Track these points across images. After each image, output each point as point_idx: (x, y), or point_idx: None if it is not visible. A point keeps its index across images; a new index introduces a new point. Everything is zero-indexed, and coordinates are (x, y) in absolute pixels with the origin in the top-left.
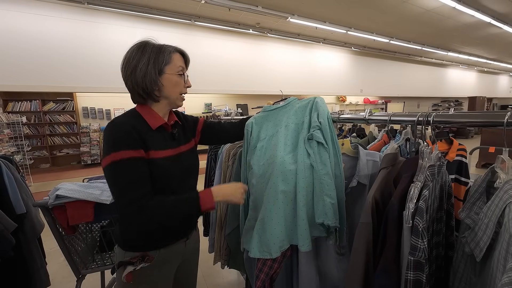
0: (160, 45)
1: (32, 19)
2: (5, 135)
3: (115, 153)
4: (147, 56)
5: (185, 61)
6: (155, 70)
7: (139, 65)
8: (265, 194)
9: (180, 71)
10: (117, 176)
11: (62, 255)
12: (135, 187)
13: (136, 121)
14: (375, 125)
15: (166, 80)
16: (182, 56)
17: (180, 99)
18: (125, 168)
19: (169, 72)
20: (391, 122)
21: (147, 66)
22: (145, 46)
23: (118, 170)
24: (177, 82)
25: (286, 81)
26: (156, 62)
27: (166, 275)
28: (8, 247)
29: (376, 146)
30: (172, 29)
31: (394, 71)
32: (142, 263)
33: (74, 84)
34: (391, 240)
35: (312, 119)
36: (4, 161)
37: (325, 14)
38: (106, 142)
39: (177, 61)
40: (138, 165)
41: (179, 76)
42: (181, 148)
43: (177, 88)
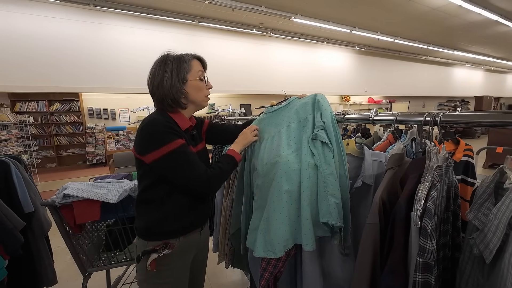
0: (179, 56)
1: (38, 21)
2: (13, 135)
3: (168, 145)
4: (169, 68)
5: (203, 66)
6: (179, 79)
7: (164, 78)
8: (269, 194)
9: (200, 75)
10: (177, 163)
11: (68, 254)
12: (197, 165)
13: (171, 121)
14: (380, 125)
15: (190, 87)
16: (200, 61)
17: (205, 100)
18: (183, 153)
19: (191, 79)
20: (397, 122)
21: (172, 78)
22: (166, 59)
23: (176, 158)
24: (200, 86)
25: (289, 81)
26: (178, 72)
27: (185, 264)
28: (17, 245)
29: (381, 146)
30: (176, 29)
31: (399, 71)
32: (165, 250)
33: (80, 84)
34: (398, 241)
35: (315, 118)
36: (13, 161)
37: (329, 14)
38: (152, 136)
39: (196, 67)
40: (187, 149)
41: (200, 81)
42: (198, 147)
43: (201, 92)
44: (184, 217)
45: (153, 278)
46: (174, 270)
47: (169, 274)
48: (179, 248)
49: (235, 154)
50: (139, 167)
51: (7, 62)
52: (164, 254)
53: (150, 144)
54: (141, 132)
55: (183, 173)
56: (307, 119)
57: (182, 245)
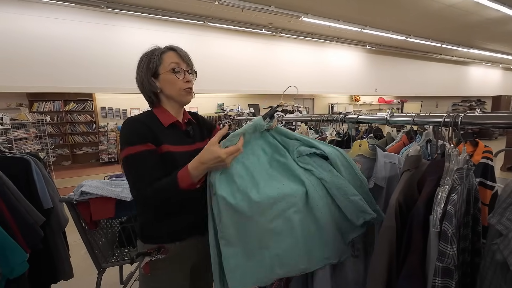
0: (152, 49)
1: (54, 24)
2: (31, 134)
3: (127, 149)
4: (141, 65)
5: (180, 57)
6: (149, 74)
7: (138, 75)
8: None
9: (173, 67)
10: (128, 168)
11: (83, 249)
12: (143, 178)
13: (149, 119)
14: (393, 126)
15: (162, 81)
16: (176, 52)
17: (182, 95)
18: (135, 161)
19: (162, 71)
20: (415, 123)
21: (142, 74)
22: (142, 56)
23: (129, 164)
24: (172, 79)
25: (298, 81)
26: (148, 67)
27: (182, 271)
28: (38, 240)
29: (394, 147)
30: (186, 30)
31: (411, 70)
32: (157, 254)
33: (93, 85)
34: (416, 245)
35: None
36: (33, 158)
37: (338, 12)
38: (121, 138)
39: (168, 59)
40: (145, 158)
41: (173, 73)
42: (197, 145)
43: (175, 85)
44: (178, 221)
45: (148, 281)
46: (169, 275)
47: (164, 279)
48: (175, 254)
49: (186, 180)
50: None
51: (25, 64)
52: (157, 259)
53: (120, 144)
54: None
55: (128, 180)
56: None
57: (179, 250)
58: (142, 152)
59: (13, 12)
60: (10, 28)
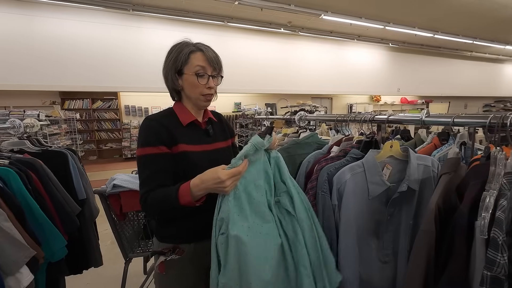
0: (184, 45)
1: (84, 26)
2: (63, 130)
3: (140, 149)
4: (169, 58)
5: (207, 60)
6: (173, 71)
7: (164, 68)
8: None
9: (198, 70)
10: (140, 169)
11: (109, 239)
12: (148, 182)
13: (167, 118)
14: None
15: (184, 81)
16: (205, 55)
17: (201, 100)
18: (145, 163)
19: (187, 72)
20: (455, 124)
21: (168, 68)
22: (173, 47)
23: (140, 165)
24: (194, 82)
25: (317, 80)
26: (174, 63)
27: (197, 271)
28: (74, 227)
29: (425, 149)
30: (205, 30)
31: (438, 68)
32: (172, 254)
33: (118, 84)
34: (458, 251)
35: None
36: (70, 152)
37: (360, 9)
38: (138, 137)
39: (195, 61)
40: (153, 162)
41: (197, 77)
42: (217, 145)
43: (196, 89)
44: (195, 222)
45: (162, 280)
46: (183, 276)
47: (178, 279)
48: (190, 255)
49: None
50: None
51: (58, 64)
52: (171, 259)
53: (137, 142)
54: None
55: (139, 182)
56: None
57: (194, 251)
58: (151, 155)
59: (48, 17)
60: (45, 32)
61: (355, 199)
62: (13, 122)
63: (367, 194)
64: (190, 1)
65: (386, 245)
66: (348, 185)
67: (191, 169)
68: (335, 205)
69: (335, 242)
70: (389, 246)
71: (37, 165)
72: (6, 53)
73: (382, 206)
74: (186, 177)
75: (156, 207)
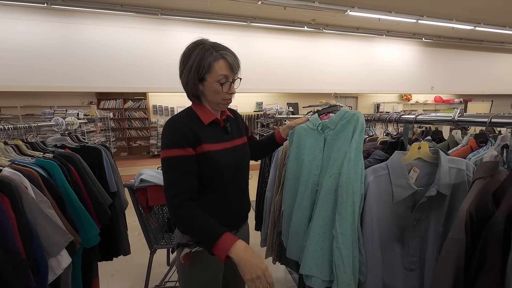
0: (205, 51)
1: (117, 31)
2: (98, 127)
3: (166, 150)
4: (190, 63)
5: (230, 67)
6: (196, 78)
7: (184, 74)
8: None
9: (221, 80)
10: (166, 171)
11: (136, 231)
12: (176, 184)
13: (190, 119)
14: (456, 128)
15: (206, 88)
16: (228, 63)
17: (222, 103)
18: (172, 165)
19: (209, 80)
20: (493, 125)
21: (189, 74)
22: (193, 51)
23: (166, 166)
24: (217, 90)
25: (341, 78)
26: (197, 70)
27: (220, 262)
28: (106, 217)
29: (459, 152)
30: (229, 31)
31: (478, 64)
32: (196, 247)
33: (147, 85)
34: (492, 262)
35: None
36: (104, 148)
37: (390, 3)
38: (162, 138)
39: (218, 70)
40: (182, 164)
41: (219, 85)
42: (235, 142)
43: (217, 95)
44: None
45: (186, 270)
46: (207, 267)
47: (201, 270)
48: None
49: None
50: None
51: (94, 67)
52: (195, 251)
53: (161, 144)
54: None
55: (165, 181)
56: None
57: None
58: (179, 157)
59: (86, 24)
60: (84, 38)
61: (379, 203)
62: (57, 120)
63: (392, 197)
64: (214, 3)
65: (412, 252)
66: (371, 188)
67: (214, 168)
68: None
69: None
70: (415, 253)
71: (75, 159)
72: (50, 58)
73: (407, 211)
74: (208, 176)
75: (186, 227)
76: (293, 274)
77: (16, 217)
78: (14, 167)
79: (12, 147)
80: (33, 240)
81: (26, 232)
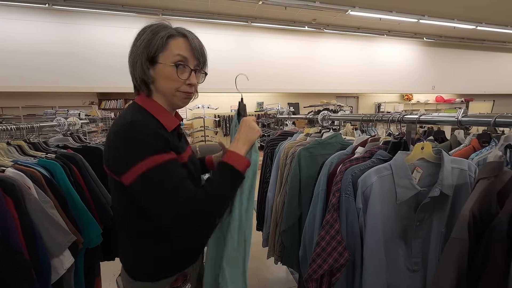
0: (159, 26)
1: (118, 32)
2: (99, 128)
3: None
4: (139, 41)
5: (191, 49)
6: (144, 57)
7: (132, 52)
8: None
9: (178, 61)
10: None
11: None
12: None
13: (154, 122)
14: (458, 128)
15: (158, 71)
16: (188, 42)
17: (178, 97)
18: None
19: (162, 61)
20: (497, 125)
21: (136, 53)
22: (146, 28)
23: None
24: (171, 74)
25: (342, 78)
26: (146, 48)
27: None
28: (108, 217)
29: (461, 152)
30: (229, 31)
31: (480, 64)
32: (187, 284)
33: None
34: (495, 263)
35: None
36: None
37: (391, 3)
38: (131, 148)
39: (174, 48)
40: (176, 167)
41: (174, 68)
42: (188, 151)
43: (170, 83)
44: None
45: None
46: None
47: None
48: (192, 277)
49: (239, 161)
50: (119, 192)
51: (95, 67)
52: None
53: (125, 157)
54: (116, 139)
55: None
56: None
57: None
58: (169, 161)
59: (87, 24)
60: (85, 39)
61: (382, 203)
62: (59, 120)
63: (395, 198)
64: (215, 3)
65: (415, 252)
66: (375, 188)
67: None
68: (359, 209)
69: (359, 247)
70: (418, 254)
71: (78, 160)
72: (51, 59)
73: (410, 211)
74: None
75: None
76: (295, 274)
77: (19, 218)
78: (17, 167)
79: (15, 148)
80: (36, 240)
81: (29, 233)
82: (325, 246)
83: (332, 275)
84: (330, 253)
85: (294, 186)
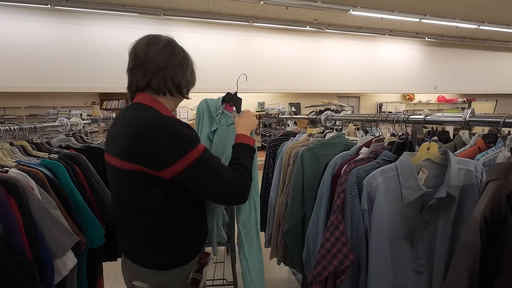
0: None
1: (120, 32)
2: (101, 128)
3: (195, 149)
4: (190, 62)
5: None
6: (192, 64)
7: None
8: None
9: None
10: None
11: None
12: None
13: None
14: (464, 128)
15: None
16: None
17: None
18: (207, 161)
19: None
20: (506, 125)
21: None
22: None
23: (201, 167)
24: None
25: (343, 78)
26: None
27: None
28: (111, 218)
29: (467, 153)
30: (231, 31)
31: (482, 63)
32: (209, 256)
33: None
34: (508, 268)
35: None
36: None
37: (393, 2)
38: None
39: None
40: (210, 153)
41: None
42: None
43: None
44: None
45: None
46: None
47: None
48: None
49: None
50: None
51: (97, 68)
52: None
53: (180, 148)
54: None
55: (218, 181)
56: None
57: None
58: (206, 148)
59: (89, 25)
60: (87, 39)
61: (387, 205)
62: (61, 121)
63: (401, 199)
64: (216, 3)
65: (420, 254)
66: (380, 189)
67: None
68: (364, 210)
69: (364, 249)
70: (424, 256)
71: (80, 160)
72: (53, 59)
73: (416, 212)
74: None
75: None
76: (297, 275)
77: (22, 218)
78: (20, 168)
79: (18, 148)
80: (39, 241)
81: (32, 233)
82: (330, 247)
83: (337, 277)
84: (335, 254)
85: (297, 187)
